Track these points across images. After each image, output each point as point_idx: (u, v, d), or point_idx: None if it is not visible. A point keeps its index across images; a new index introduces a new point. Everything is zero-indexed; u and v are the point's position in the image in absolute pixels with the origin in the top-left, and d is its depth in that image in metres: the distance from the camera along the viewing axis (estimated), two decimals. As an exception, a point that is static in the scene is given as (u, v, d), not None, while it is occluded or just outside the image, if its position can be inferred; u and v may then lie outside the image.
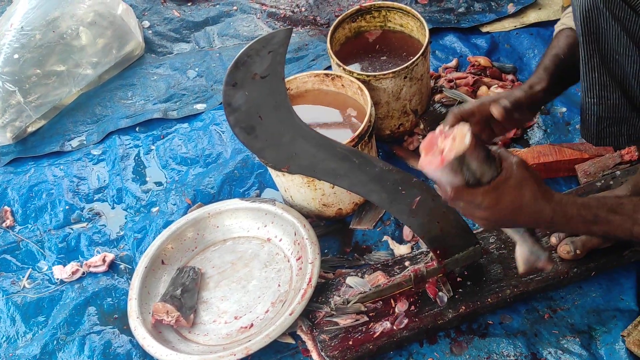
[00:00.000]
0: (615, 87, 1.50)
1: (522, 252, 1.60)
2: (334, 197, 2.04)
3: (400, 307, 1.79)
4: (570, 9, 1.70)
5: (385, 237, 2.04)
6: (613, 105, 1.53)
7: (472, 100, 1.52)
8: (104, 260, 2.12)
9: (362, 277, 1.89)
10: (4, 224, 2.30)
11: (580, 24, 1.49)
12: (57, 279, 2.12)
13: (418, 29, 2.28)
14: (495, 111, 1.53)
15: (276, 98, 1.45)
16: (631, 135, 1.56)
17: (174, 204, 2.25)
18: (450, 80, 2.38)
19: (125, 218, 2.28)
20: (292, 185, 2.03)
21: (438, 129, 1.45)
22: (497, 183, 1.42)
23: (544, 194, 1.42)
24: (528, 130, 2.24)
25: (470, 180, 1.42)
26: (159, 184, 2.38)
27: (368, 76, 2.10)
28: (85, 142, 2.56)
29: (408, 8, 2.28)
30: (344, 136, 2.04)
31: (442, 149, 1.40)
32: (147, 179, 2.40)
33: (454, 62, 2.51)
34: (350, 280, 1.87)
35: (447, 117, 1.53)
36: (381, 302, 1.82)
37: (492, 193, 1.41)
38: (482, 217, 1.45)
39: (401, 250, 1.99)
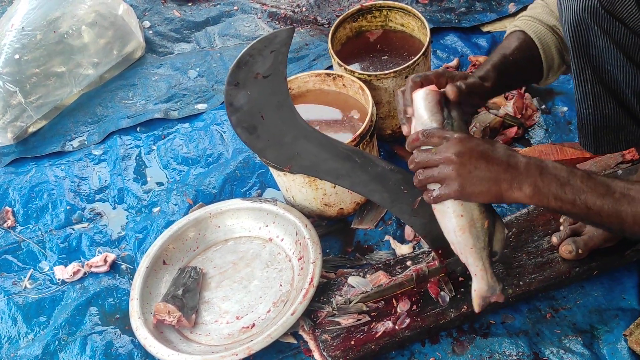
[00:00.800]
0: (609, 98, 1.51)
1: (480, 288, 1.59)
2: (336, 197, 2.04)
3: (402, 306, 1.79)
4: (526, 11, 1.73)
5: (386, 237, 2.04)
6: (608, 114, 1.53)
7: (431, 70, 1.53)
8: (105, 261, 2.12)
9: (363, 276, 1.88)
10: (5, 225, 2.30)
11: (570, 38, 1.50)
12: (59, 279, 2.11)
13: (419, 29, 2.28)
14: (450, 91, 1.49)
15: (278, 98, 1.45)
16: (629, 141, 1.57)
17: (175, 204, 2.25)
18: (451, 80, 2.37)
19: (127, 218, 2.28)
20: (293, 185, 2.02)
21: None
22: (470, 135, 1.42)
23: (512, 150, 1.41)
24: (529, 129, 2.24)
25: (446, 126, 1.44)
26: (160, 184, 2.38)
27: (369, 76, 2.10)
28: (86, 142, 2.56)
29: (409, 8, 2.28)
30: (345, 136, 2.05)
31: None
32: (148, 179, 2.40)
33: (455, 62, 2.51)
34: (352, 280, 1.87)
35: (407, 82, 1.51)
36: (383, 302, 1.82)
37: (465, 140, 1.40)
38: (450, 172, 1.39)
39: (403, 250, 1.99)
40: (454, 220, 1.48)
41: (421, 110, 1.44)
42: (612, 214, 1.36)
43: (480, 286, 1.57)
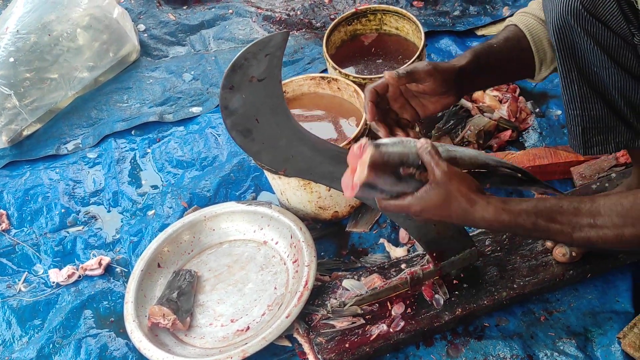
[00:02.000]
0: (597, 99, 1.51)
1: None
2: (330, 200, 2.04)
3: (397, 309, 1.79)
4: (523, 8, 1.71)
5: (381, 240, 2.05)
6: (596, 115, 1.54)
7: (385, 72, 1.51)
8: (100, 264, 2.12)
9: (358, 279, 1.89)
10: (-1, 228, 2.30)
11: (555, 40, 1.51)
12: (53, 283, 2.11)
13: (414, 32, 2.28)
14: (387, 75, 1.49)
15: (273, 101, 1.46)
16: (618, 142, 1.57)
17: (170, 207, 2.25)
18: (445, 83, 2.38)
19: (121, 221, 2.28)
20: (288, 188, 2.03)
21: (360, 142, 1.42)
22: (421, 194, 1.40)
23: (472, 201, 1.39)
24: (523, 132, 2.25)
25: (391, 195, 1.42)
26: (154, 187, 2.38)
27: (364, 79, 2.10)
28: (81, 145, 2.56)
29: (404, 11, 2.29)
30: (340, 139, 2.05)
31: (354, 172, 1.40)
32: (143, 182, 2.40)
33: (449, 65, 2.51)
34: (346, 282, 1.87)
35: (365, 93, 1.50)
36: (377, 305, 1.82)
37: (416, 203, 1.40)
38: (414, 218, 1.45)
39: (397, 252, 1.99)
40: None
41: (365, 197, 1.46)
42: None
43: None
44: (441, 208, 1.39)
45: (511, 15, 2.62)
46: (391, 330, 1.76)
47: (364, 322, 1.79)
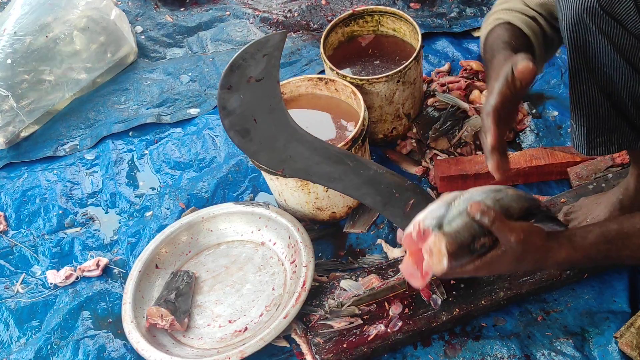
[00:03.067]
0: (604, 100, 1.51)
1: None
2: (328, 201, 2.04)
3: (394, 309, 1.80)
4: (500, 5, 1.70)
5: (379, 241, 2.05)
6: (603, 116, 1.54)
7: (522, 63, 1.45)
8: (97, 265, 2.12)
9: (356, 280, 1.89)
10: (-3, 229, 2.30)
11: (567, 38, 1.50)
12: (51, 284, 2.11)
13: (411, 34, 2.29)
14: (522, 68, 1.40)
15: (271, 101, 1.46)
16: (621, 143, 1.57)
17: (168, 208, 2.25)
18: (442, 85, 2.38)
19: (119, 222, 2.28)
20: (285, 188, 2.03)
21: (412, 226, 1.41)
22: (492, 258, 1.42)
23: (546, 250, 1.43)
24: (520, 133, 2.25)
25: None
26: (152, 188, 2.38)
27: (361, 80, 2.10)
28: (78, 146, 2.56)
29: (401, 12, 2.29)
30: (337, 140, 2.05)
31: (422, 269, 1.39)
32: (141, 183, 2.40)
33: (446, 67, 2.52)
34: (344, 283, 1.87)
35: (484, 122, 1.44)
36: (375, 305, 1.82)
37: (487, 267, 1.43)
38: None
39: (395, 253, 1.99)
40: None
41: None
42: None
43: None
44: (515, 265, 1.44)
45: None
46: (389, 330, 1.77)
47: (361, 322, 1.79)
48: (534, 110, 2.30)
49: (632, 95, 1.48)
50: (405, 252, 1.43)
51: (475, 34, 2.66)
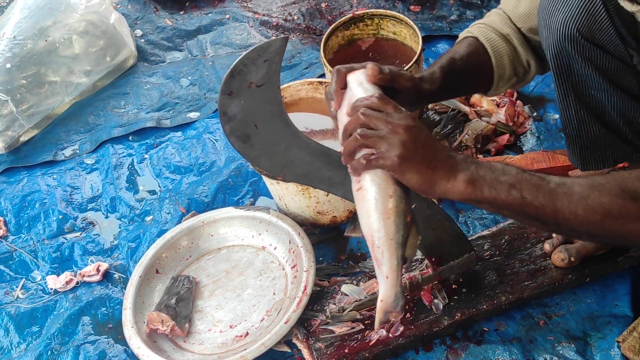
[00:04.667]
0: (594, 121, 1.52)
1: (388, 297, 1.36)
2: (329, 205, 2.04)
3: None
4: (482, 19, 1.71)
5: (379, 245, 2.04)
6: (593, 136, 1.54)
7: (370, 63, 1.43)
8: (98, 270, 2.12)
9: (357, 284, 1.88)
10: (-3, 234, 2.30)
11: (552, 66, 1.51)
12: (51, 289, 2.11)
13: (411, 37, 2.29)
14: (369, 68, 1.37)
15: (272, 107, 1.45)
16: (616, 158, 1.57)
17: (168, 213, 2.24)
18: (443, 88, 2.38)
19: (119, 227, 2.28)
20: (286, 193, 2.03)
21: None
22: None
23: (440, 165, 1.29)
24: (521, 136, 2.25)
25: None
26: (152, 192, 2.37)
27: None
28: (78, 151, 2.56)
29: (401, 16, 2.29)
30: (338, 144, 2.04)
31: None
32: (141, 187, 2.40)
33: (446, 70, 2.51)
34: (345, 288, 1.87)
35: (332, 74, 1.40)
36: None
37: (417, 120, 1.32)
38: (395, 140, 1.26)
39: (396, 257, 1.99)
40: (381, 202, 1.31)
41: (358, 92, 1.35)
42: (547, 204, 1.26)
43: (388, 295, 1.35)
44: (429, 135, 1.31)
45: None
46: (390, 335, 1.76)
47: (363, 327, 1.79)
48: (535, 114, 2.30)
49: (623, 114, 1.49)
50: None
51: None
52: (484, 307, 1.78)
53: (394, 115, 1.29)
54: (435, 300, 1.80)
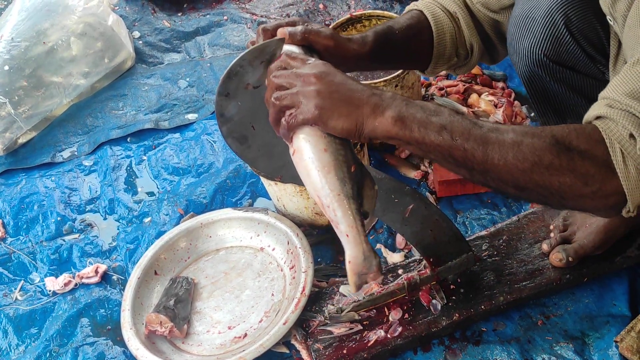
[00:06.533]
0: None
1: (355, 257, 1.30)
2: (327, 206, 2.04)
3: (394, 315, 1.79)
4: None
5: (378, 245, 2.04)
6: None
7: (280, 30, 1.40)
8: (96, 272, 2.12)
9: (355, 285, 1.88)
10: (-5, 236, 2.30)
11: (527, 88, 1.52)
12: (50, 291, 2.11)
13: (408, 38, 2.28)
14: (280, 32, 1.37)
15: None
16: None
17: (167, 214, 2.24)
18: (441, 89, 2.39)
19: (118, 229, 2.27)
20: (284, 194, 2.03)
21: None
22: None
23: (362, 102, 1.25)
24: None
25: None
26: (151, 194, 2.37)
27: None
28: (76, 153, 2.56)
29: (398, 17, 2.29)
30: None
31: None
32: (139, 189, 2.40)
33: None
34: (343, 288, 1.87)
35: (257, 33, 1.40)
36: (375, 311, 1.82)
37: (329, 65, 1.29)
38: (308, 91, 1.24)
39: (394, 258, 1.99)
40: (316, 158, 1.28)
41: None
42: (477, 148, 1.21)
43: (354, 253, 1.30)
44: (349, 78, 1.26)
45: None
46: (389, 336, 1.76)
47: (361, 328, 1.79)
48: (532, 114, 2.30)
49: None
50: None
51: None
52: (482, 307, 1.78)
53: (304, 67, 1.26)
54: (434, 301, 1.80)
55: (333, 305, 1.84)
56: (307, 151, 1.29)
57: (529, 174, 1.19)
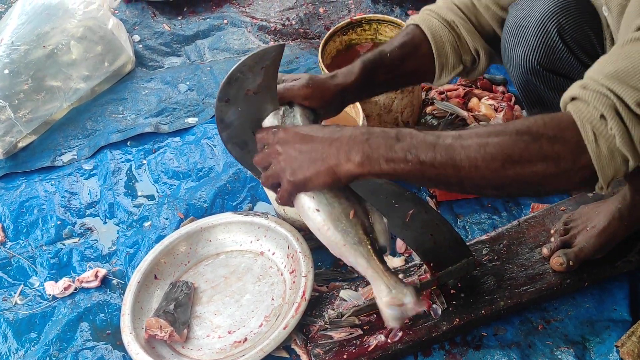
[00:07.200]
0: None
1: (380, 292, 1.37)
2: (327, 210, 2.04)
3: (395, 319, 1.79)
4: (431, 6, 1.66)
5: (378, 249, 2.04)
6: None
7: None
8: (96, 276, 2.11)
9: (356, 290, 1.88)
10: (-5, 240, 2.30)
11: (522, 95, 1.51)
12: (49, 295, 2.10)
13: (409, 42, 2.28)
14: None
15: (269, 114, 1.45)
16: None
17: (167, 218, 2.24)
18: (441, 93, 2.38)
19: (118, 233, 2.27)
20: (284, 198, 2.02)
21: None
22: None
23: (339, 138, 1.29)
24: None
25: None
26: (151, 198, 2.37)
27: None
28: (76, 156, 2.56)
29: (398, 21, 2.29)
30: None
31: None
32: (139, 193, 2.40)
33: (444, 74, 2.51)
34: (344, 293, 1.87)
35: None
36: (375, 315, 1.81)
37: (288, 129, 1.34)
38: (278, 164, 1.32)
39: (394, 262, 1.99)
40: (312, 218, 1.36)
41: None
42: (446, 162, 1.21)
43: (377, 289, 1.37)
44: (308, 134, 1.31)
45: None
46: (389, 340, 1.76)
47: (361, 332, 1.79)
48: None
49: None
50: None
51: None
52: (483, 312, 1.78)
53: (271, 143, 1.34)
54: (434, 306, 1.80)
55: (333, 309, 1.84)
56: (305, 216, 1.38)
57: (502, 172, 1.20)
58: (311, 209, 1.35)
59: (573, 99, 1.21)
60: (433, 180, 1.26)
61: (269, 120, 1.42)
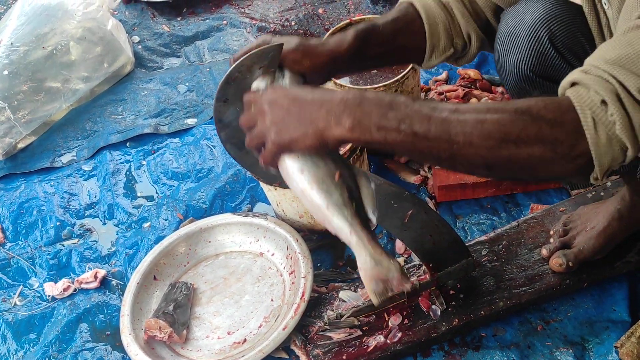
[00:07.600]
0: None
1: (364, 263, 1.31)
2: (326, 211, 2.03)
3: (394, 320, 1.79)
4: None
5: (377, 250, 2.04)
6: None
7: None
8: (95, 277, 2.11)
9: (355, 290, 1.88)
10: (-6, 241, 2.30)
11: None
12: (49, 296, 2.10)
13: (408, 42, 2.28)
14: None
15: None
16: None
17: (166, 219, 2.24)
18: (440, 93, 2.38)
19: (117, 234, 2.27)
20: (283, 199, 2.03)
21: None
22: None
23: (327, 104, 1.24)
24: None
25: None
26: (150, 199, 2.37)
27: (359, 90, 2.10)
28: (75, 157, 2.56)
29: (398, 21, 2.28)
30: (335, 150, 2.04)
31: None
32: (138, 194, 2.40)
33: (444, 75, 2.52)
34: (343, 294, 1.87)
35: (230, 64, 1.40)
36: (374, 316, 1.81)
37: (277, 89, 1.32)
38: (265, 124, 1.28)
39: (394, 263, 1.98)
40: (296, 179, 1.32)
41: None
42: (440, 135, 1.17)
43: (363, 260, 1.32)
44: (298, 94, 1.27)
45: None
46: (388, 341, 1.76)
47: (361, 333, 1.79)
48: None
49: None
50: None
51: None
52: (482, 312, 1.78)
53: (258, 102, 1.30)
54: (433, 306, 1.80)
55: (332, 310, 1.84)
56: (289, 177, 1.34)
57: (497, 151, 1.16)
58: (295, 169, 1.31)
59: (573, 84, 1.18)
60: (424, 153, 1.21)
61: (258, 83, 1.38)
